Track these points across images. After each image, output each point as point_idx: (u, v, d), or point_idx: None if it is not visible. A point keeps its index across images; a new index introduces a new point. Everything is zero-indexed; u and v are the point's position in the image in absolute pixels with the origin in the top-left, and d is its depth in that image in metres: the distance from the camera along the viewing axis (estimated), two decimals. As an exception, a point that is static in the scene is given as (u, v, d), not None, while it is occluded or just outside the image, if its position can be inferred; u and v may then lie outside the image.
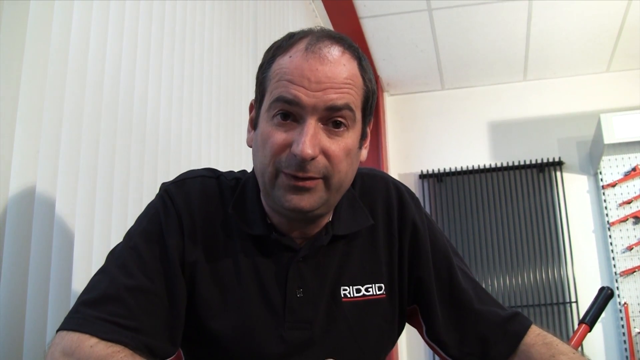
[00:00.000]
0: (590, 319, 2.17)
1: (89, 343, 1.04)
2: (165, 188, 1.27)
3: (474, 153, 5.50)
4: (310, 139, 1.11)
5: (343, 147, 1.17)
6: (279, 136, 1.14)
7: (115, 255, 1.20)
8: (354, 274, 1.30)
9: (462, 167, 5.45)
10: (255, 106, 1.24)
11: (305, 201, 1.17)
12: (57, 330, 1.09)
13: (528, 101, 5.53)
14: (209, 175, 1.31)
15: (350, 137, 1.18)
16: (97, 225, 1.64)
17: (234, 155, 2.63)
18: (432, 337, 1.36)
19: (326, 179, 1.16)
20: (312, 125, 1.13)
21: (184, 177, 1.30)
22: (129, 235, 1.23)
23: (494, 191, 5.36)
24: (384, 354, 1.36)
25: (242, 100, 2.78)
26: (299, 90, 1.12)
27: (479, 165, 5.44)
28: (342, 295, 1.28)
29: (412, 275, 1.35)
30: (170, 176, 1.36)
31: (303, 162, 1.12)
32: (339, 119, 1.15)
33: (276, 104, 1.14)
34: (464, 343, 1.34)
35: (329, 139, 1.15)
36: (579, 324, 2.21)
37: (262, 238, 1.26)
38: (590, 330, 2.17)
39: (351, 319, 1.27)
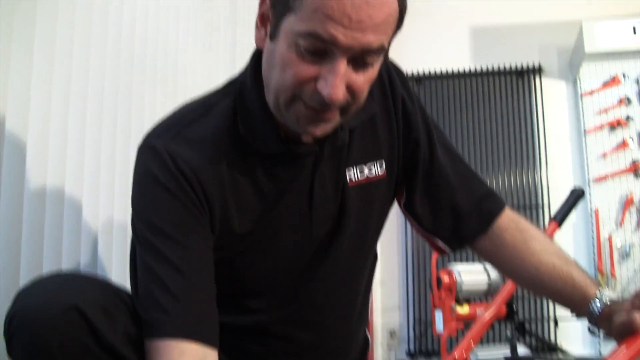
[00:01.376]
0: (560, 217, 2.24)
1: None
2: (166, 149, 1.16)
3: (454, 56, 5.47)
4: (340, 80, 1.05)
5: (368, 79, 1.11)
6: (304, 68, 1.06)
7: (146, 248, 1.14)
8: (357, 155, 1.30)
9: (441, 71, 5.43)
10: (273, 11, 1.09)
11: (320, 129, 1.14)
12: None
13: (510, 5, 5.44)
14: (201, 113, 1.22)
15: (376, 68, 1.13)
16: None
17: (210, 66, 2.61)
18: (408, 208, 1.39)
19: (344, 108, 1.12)
20: (343, 65, 1.05)
21: (179, 130, 1.20)
22: (151, 224, 1.14)
23: (473, 95, 5.37)
24: (379, 235, 1.41)
25: (219, 8, 2.73)
26: (337, 29, 1.01)
27: (458, 69, 5.42)
28: (348, 180, 1.29)
29: (407, 143, 1.36)
30: (147, 87, 1.28)
31: (329, 104, 1.07)
32: (370, 58, 1.08)
33: (308, 38, 1.03)
34: (438, 216, 1.38)
35: (355, 73, 1.08)
36: (549, 222, 2.29)
37: (281, 153, 1.22)
38: (559, 227, 2.24)
39: (358, 203, 1.30)
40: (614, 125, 4.94)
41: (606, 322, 1.25)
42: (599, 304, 1.26)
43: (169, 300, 1.08)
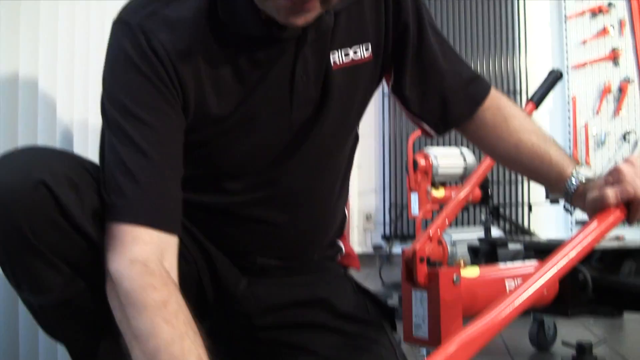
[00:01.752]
0: (538, 98, 2.24)
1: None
2: (140, 27, 1.10)
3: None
4: None
5: None
6: None
7: (112, 129, 1.10)
8: (342, 38, 1.25)
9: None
10: None
11: (301, 20, 1.07)
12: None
13: None
14: None
15: None
16: None
17: None
18: (396, 91, 1.37)
19: None
20: None
21: (156, 8, 1.12)
22: (118, 103, 1.10)
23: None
24: (361, 117, 1.39)
25: None
26: None
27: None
28: (332, 63, 1.24)
29: (397, 25, 1.31)
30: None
31: None
32: None
33: None
34: (425, 100, 1.35)
35: None
36: (526, 103, 2.29)
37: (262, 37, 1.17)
38: (536, 108, 2.25)
39: (342, 86, 1.26)
40: (595, 12, 4.90)
41: (580, 200, 1.26)
42: (574, 182, 1.27)
43: (130, 184, 1.06)
